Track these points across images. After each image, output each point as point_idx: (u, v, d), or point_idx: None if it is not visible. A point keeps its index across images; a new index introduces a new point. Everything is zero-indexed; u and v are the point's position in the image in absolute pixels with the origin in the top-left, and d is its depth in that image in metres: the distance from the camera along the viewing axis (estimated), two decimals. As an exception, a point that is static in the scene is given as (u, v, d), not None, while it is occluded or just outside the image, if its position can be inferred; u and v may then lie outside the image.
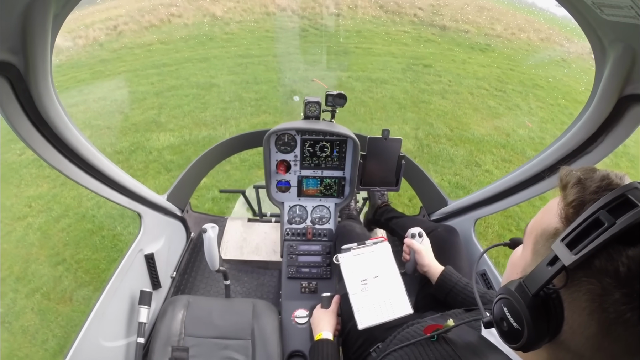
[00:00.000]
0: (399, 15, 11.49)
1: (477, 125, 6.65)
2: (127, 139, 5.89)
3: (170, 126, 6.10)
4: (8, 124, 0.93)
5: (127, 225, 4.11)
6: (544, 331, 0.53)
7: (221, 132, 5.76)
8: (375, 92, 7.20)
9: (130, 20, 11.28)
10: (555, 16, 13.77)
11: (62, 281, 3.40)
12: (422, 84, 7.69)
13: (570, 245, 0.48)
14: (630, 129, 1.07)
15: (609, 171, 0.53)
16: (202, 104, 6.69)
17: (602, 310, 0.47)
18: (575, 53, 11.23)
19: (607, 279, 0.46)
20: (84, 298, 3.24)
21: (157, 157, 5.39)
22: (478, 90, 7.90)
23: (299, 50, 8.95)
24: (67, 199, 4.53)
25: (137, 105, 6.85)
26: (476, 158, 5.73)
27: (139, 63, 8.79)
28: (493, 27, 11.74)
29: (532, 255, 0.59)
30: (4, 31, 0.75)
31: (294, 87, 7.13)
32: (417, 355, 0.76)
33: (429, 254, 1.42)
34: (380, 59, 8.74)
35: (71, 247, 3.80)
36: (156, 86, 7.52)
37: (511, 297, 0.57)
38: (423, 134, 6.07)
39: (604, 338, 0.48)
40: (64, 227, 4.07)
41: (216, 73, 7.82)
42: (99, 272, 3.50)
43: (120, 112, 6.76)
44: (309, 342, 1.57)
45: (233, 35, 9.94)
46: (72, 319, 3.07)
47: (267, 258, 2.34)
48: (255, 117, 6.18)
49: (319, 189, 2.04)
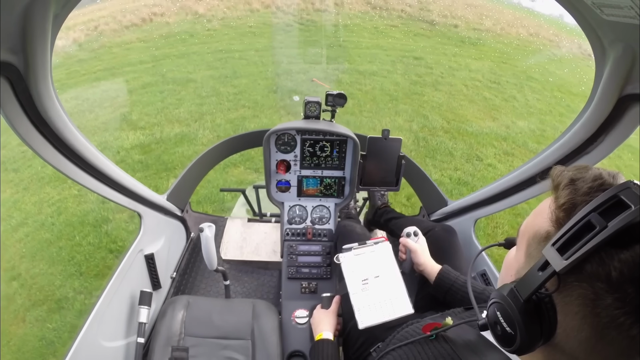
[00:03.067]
0: (386, 10, 11.15)
1: (474, 117, 6.24)
2: (95, 138, 5.41)
3: (141, 124, 5.59)
4: (8, 124, 0.92)
5: (87, 235, 3.73)
6: (537, 335, 0.52)
7: (194, 129, 5.26)
8: (364, 83, 6.72)
9: (112, 20, 10.94)
10: (541, 14, 13.85)
11: (15, 300, 3.07)
12: (413, 76, 7.23)
13: (562, 250, 0.47)
14: (630, 129, 1.04)
15: (602, 170, 0.51)
16: (177, 100, 6.19)
17: (595, 314, 0.46)
18: (566, 47, 11.17)
19: (599, 283, 0.44)
20: (37, 319, 2.90)
21: (125, 157, 4.90)
22: (472, 82, 7.52)
23: (283, 44, 8.47)
24: (27, 205, 4.18)
25: (109, 104, 6.39)
26: (477, 151, 5.31)
27: (116, 61, 8.29)
28: (482, 22, 11.57)
29: (525, 257, 0.57)
30: (4, 31, 0.74)
31: (276, 80, 6.60)
32: (416, 354, 0.74)
33: (424, 253, 1.40)
34: (369, 52, 8.32)
35: (27, 260, 3.47)
36: (130, 83, 7.01)
37: (504, 302, 0.55)
38: (418, 127, 5.60)
39: (597, 342, 0.47)
40: (22, 237, 3.72)
41: (194, 68, 7.29)
42: (53, 289, 3.15)
43: (91, 111, 6.27)
44: (309, 342, 1.55)
45: (215, 31, 9.38)
46: (25, 342, 2.75)
47: (267, 258, 2.31)
48: (232, 112, 5.63)
49: (319, 189, 2.01)
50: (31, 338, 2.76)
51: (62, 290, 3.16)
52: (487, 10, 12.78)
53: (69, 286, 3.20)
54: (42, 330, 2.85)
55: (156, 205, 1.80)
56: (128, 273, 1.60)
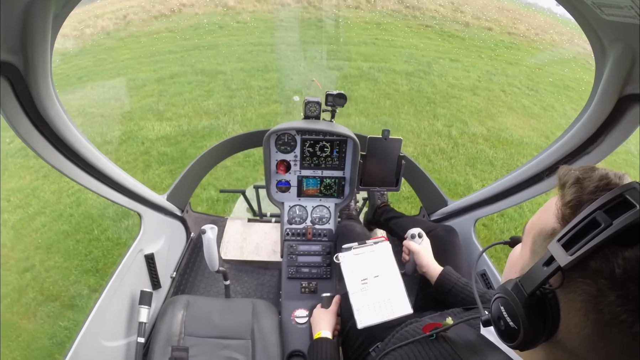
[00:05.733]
0: (419, 10, 10.60)
1: (514, 125, 5.78)
2: (119, 127, 5.19)
3: (168, 115, 5.31)
4: (8, 124, 0.90)
5: (105, 229, 3.48)
6: (540, 331, 0.50)
7: (224, 122, 4.92)
8: (401, 84, 6.30)
9: (141, 10, 10.73)
10: (572, 21, 13.14)
11: (27, 292, 2.91)
12: (450, 79, 6.77)
13: (567, 246, 0.45)
14: (630, 129, 1.02)
15: (608, 170, 0.49)
16: (206, 91, 5.87)
17: (598, 311, 0.44)
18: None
19: (603, 280, 0.43)
20: (49, 315, 2.73)
21: (149, 149, 4.65)
22: (510, 88, 7.03)
23: (315, 39, 8.05)
24: (46, 193, 4.00)
25: (135, 93, 6.14)
26: (517, 162, 4.88)
27: (144, 50, 8.09)
28: (516, 26, 10.99)
29: (530, 254, 0.56)
30: (4, 31, 0.73)
31: (309, 75, 6.21)
32: (417, 354, 0.73)
33: (427, 254, 1.35)
34: (404, 51, 7.86)
35: (42, 251, 3.28)
36: (158, 73, 6.75)
37: (508, 296, 0.54)
38: (457, 132, 5.16)
39: (599, 339, 0.45)
40: (39, 227, 3.54)
41: (224, 60, 6.97)
42: (67, 284, 2.95)
43: (117, 99, 6.08)
44: (309, 341, 1.49)
45: (245, 24, 9.00)
46: (35, 339, 2.58)
47: (267, 258, 2.28)
48: (264, 107, 5.25)
49: (318, 189, 1.97)
50: (41, 335, 2.60)
51: (77, 287, 2.95)
52: (520, 14, 12.24)
53: (84, 283, 2.99)
54: (53, 327, 2.66)
55: (156, 206, 1.78)
56: (128, 273, 1.59)
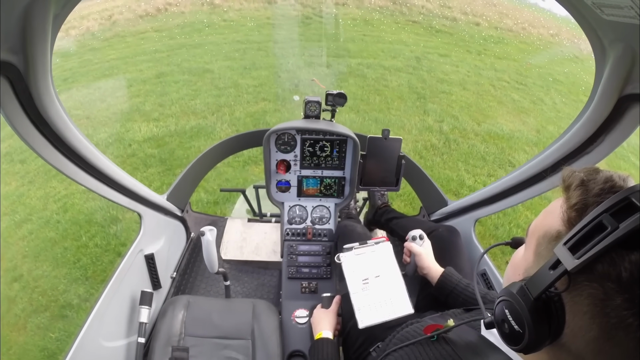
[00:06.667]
0: (407, 6, 10.54)
1: (504, 119, 5.77)
2: (105, 130, 5.02)
3: (154, 115, 5.15)
4: (8, 124, 0.89)
5: (94, 236, 3.37)
6: (545, 334, 0.49)
7: (212, 122, 4.79)
8: (390, 80, 6.22)
9: (126, 9, 10.51)
10: (558, 15, 13.27)
11: (16, 303, 2.84)
12: (439, 74, 6.73)
13: (573, 249, 0.45)
14: (630, 129, 1.01)
15: (612, 172, 0.49)
16: (193, 91, 5.72)
17: (604, 314, 0.43)
18: (587, 50, 10.41)
19: (609, 283, 0.42)
20: (39, 327, 2.65)
21: (136, 151, 4.50)
22: (499, 82, 7.01)
23: (303, 37, 7.91)
24: (32, 199, 3.87)
25: (122, 93, 5.98)
26: (509, 157, 4.87)
27: (130, 51, 7.87)
28: (503, 21, 11.00)
29: (534, 257, 0.54)
30: (4, 31, 0.72)
31: (297, 73, 6.11)
32: (418, 355, 0.72)
33: (429, 256, 1.34)
34: (392, 47, 7.79)
35: (30, 260, 3.20)
36: (144, 73, 6.57)
37: (513, 299, 0.52)
38: (448, 128, 5.11)
39: (604, 342, 0.44)
40: (25, 235, 3.43)
41: (211, 59, 6.81)
42: (57, 294, 2.86)
43: (102, 100, 5.88)
44: (309, 342, 1.50)
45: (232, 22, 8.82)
46: (26, 351, 2.51)
47: (267, 258, 2.27)
48: (252, 105, 5.14)
49: (319, 189, 1.96)
50: (32, 348, 2.52)
51: (67, 296, 2.84)
52: (507, 9, 12.22)
53: (74, 292, 2.87)
54: (44, 339, 2.55)
55: (156, 206, 1.77)
56: (128, 273, 1.58)
